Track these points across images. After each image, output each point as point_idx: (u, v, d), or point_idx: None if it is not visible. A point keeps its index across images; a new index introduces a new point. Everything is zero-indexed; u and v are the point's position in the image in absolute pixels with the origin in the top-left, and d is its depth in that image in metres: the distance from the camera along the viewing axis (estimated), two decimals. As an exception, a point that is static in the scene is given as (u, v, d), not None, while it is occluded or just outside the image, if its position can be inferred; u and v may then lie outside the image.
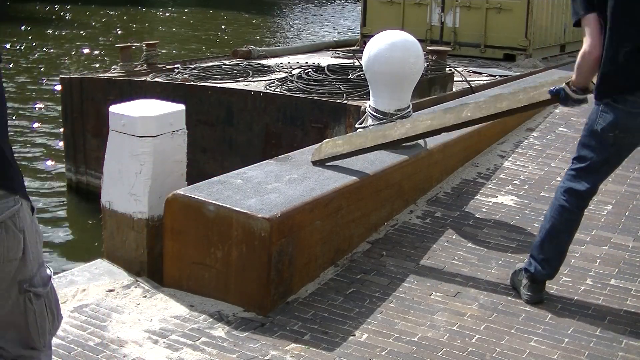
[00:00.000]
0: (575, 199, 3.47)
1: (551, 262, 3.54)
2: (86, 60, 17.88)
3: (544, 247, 3.54)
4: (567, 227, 3.54)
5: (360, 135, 4.37)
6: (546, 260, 3.53)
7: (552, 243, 3.53)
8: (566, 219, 3.51)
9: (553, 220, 3.51)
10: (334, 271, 3.83)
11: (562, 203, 3.49)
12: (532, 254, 3.58)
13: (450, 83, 8.20)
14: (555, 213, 3.51)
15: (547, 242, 3.53)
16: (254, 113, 7.63)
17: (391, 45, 4.54)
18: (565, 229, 3.53)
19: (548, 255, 3.54)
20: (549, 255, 3.54)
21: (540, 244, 3.55)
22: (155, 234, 3.79)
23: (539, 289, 3.60)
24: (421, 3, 11.42)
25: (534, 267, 3.55)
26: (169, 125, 3.80)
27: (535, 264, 3.55)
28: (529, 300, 3.58)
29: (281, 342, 3.17)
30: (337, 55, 11.14)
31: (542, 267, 3.54)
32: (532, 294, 3.58)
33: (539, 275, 3.56)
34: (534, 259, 3.56)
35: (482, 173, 5.35)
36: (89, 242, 7.47)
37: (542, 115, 6.95)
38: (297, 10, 35.02)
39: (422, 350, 3.14)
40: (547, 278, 3.60)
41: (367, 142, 4.15)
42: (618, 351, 3.19)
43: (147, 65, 9.26)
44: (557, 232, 3.52)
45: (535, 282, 3.58)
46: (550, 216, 3.52)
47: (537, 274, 3.56)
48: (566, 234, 3.54)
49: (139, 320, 3.33)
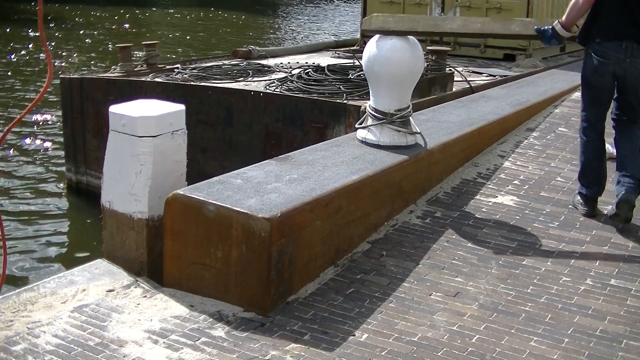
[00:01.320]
0: (591, 131, 4.57)
1: (593, 184, 4.63)
2: (86, 60, 17.88)
3: (585, 174, 4.64)
4: (596, 155, 4.60)
5: (412, 20, 4.64)
6: (590, 183, 4.64)
7: (588, 169, 4.62)
8: (592, 149, 4.60)
9: (583, 154, 4.63)
10: (334, 271, 3.83)
11: (583, 139, 4.61)
12: (580, 181, 4.69)
13: (450, 83, 8.19)
14: (583, 148, 4.63)
15: (586, 170, 4.63)
16: (254, 113, 7.63)
17: (391, 45, 4.54)
18: (594, 157, 4.60)
19: (589, 180, 4.63)
20: (590, 179, 4.62)
21: (581, 173, 4.66)
22: (155, 234, 3.79)
23: (592, 206, 4.67)
24: (421, 3, 11.42)
25: (584, 190, 4.67)
26: (169, 125, 3.80)
27: (584, 188, 4.67)
28: (585, 214, 4.64)
29: (281, 342, 3.17)
30: (337, 55, 11.14)
31: (588, 189, 4.64)
32: (587, 209, 4.66)
33: (590, 195, 4.64)
34: (582, 184, 4.68)
35: (482, 173, 5.35)
36: (89, 242, 7.48)
37: (542, 115, 6.95)
38: (297, 10, 35.02)
39: (422, 350, 3.14)
40: (597, 195, 4.67)
41: (418, 27, 4.43)
42: (618, 351, 3.20)
43: (147, 66, 9.26)
44: (589, 161, 4.61)
45: (589, 201, 4.66)
46: (581, 152, 4.65)
47: (588, 194, 4.65)
48: (596, 160, 4.61)
49: (139, 320, 3.33)
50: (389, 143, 4.64)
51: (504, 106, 6.57)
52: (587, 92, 4.60)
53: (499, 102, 6.69)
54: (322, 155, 4.44)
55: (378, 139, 4.66)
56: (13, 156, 10.26)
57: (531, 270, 3.95)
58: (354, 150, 4.58)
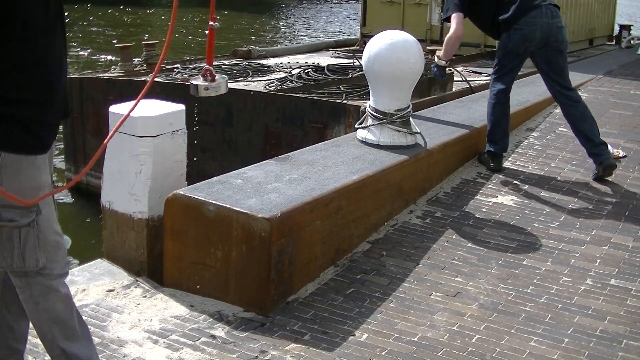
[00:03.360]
0: (502, 94, 5.34)
1: (501, 140, 5.37)
2: (86, 60, 17.87)
3: (494, 133, 5.35)
4: (504, 114, 5.38)
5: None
6: (497, 140, 5.36)
7: (498, 128, 5.34)
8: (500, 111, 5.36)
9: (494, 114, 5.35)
10: (334, 271, 3.83)
11: (494, 101, 5.34)
12: (489, 139, 5.37)
13: (450, 83, 8.19)
14: (493, 109, 5.35)
15: (495, 129, 5.35)
16: (254, 113, 7.62)
17: (391, 45, 4.54)
18: (503, 116, 5.37)
19: (498, 137, 5.35)
20: (498, 136, 5.35)
21: (491, 131, 5.37)
22: (155, 234, 3.79)
23: (499, 161, 5.40)
24: (421, 3, 11.42)
25: (492, 147, 5.35)
26: (169, 125, 3.80)
27: (492, 145, 5.35)
28: (493, 168, 5.35)
29: (281, 342, 3.17)
30: (337, 55, 11.14)
31: (496, 145, 5.36)
32: (494, 164, 5.36)
33: (497, 151, 5.37)
34: (490, 142, 5.37)
35: (482, 173, 5.35)
36: (89, 242, 7.47)
37: (542, 115, 6.95)
38: (297, 10, 35.01)
39: (422, 350, 3.14)
40: (502, 151, 5.43)
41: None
42: (618, 351, 3.20)
43: (147, 65, 9.25)
44: (499, 120, 5.35)
45: (496, 157, 5.37)
46: (491, 112, 5.36)
47: (496, 151, 5.37)
48: (505, 119, 5.38)
49: (139, 320, 3.33)
50: (389, 143, 4.64)
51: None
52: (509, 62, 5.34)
53: (499, 102, 6.68)
54: (322, 155, 4.44)
55: (378, 139, 4.66)
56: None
57: (531, 270, 3.95)
58: (354, 150, 4.58)
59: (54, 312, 2.52)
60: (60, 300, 2.53)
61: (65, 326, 2.55)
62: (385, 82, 4.58)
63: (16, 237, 2.39)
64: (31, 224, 2.40)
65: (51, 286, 2.49)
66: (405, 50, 4.56)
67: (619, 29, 15.20)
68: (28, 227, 2.40)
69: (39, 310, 2.51)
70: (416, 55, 4.62)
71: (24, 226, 2.39)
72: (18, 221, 2.38)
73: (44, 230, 2.45)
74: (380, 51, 4.55)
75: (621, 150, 6.06)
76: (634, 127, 6.95)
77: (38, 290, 2.49)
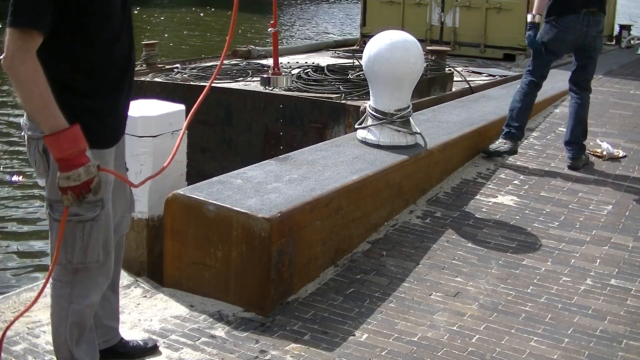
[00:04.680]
0: (533, 86, 5.63)
1: (522, 127, 5.71)
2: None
3: (519, 118, 5.63)
4: (531, 104, 5.74)
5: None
6: (520, 126, 5.67)
7: (522, 115, 5.65)
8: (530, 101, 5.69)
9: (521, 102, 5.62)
10: (334, 271, 3.83)
11: (526, 90, 5.63)
12: (509, 124, 5.65)
13: (450, 83, 8.19)
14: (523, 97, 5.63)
15: (519, 115, 5.64)
16: (254, 113, 7.62)
17: (391, 45, 4.54)
18: (529, 106, 5.72)
19: (520, 123, 5.67)
20: (521, 123, 5.68)
21: (516, 116, 5.63)
22: (155, 234, 3.79)
23: (516, 144, 5.68)
24: (421, 3, 11.41)
25: (514, 130, 5.63)
26: (169, 125, 3.79)
27: (513, 129, 5.62)
28: (510, 150, 5.60)
29: (281, 342, 3.17)
30: (336, 55, 11.14)
31: (517, 130, 5.64)
32: (512, 147, 5.61)
33: (518, 135, 5.68)
34: (511, 127, 5.63)
35: (482, 173, 5.35)
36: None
37: (542, 115, 6.95)
38: (297, 10, 35.02)
39: (422, 350, 3.14)
40: (522, 137, 5.77)
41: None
42: (618, 351, 3.20)
43: (147, 65, 9.24)
44: (525, 109, 5.68)
45: (513, 140, 5.64)
46: (519, 99, 5.64)
47: (516, 135, 5.65)
48: (529, 110, 5.77)
49: (139, 320, 3.33)
50: (389, 143, 4.64)
51: (503, 106, 6.54)
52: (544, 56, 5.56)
53: (499, 102, 6.68)
54: (322, 155, 4.44)
55: (378, 139, 4.66)
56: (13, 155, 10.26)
57: (531, 270, 3.95)
58: (354, 150, 4.58)
59: (81, 316, 2.52)
60: (90, 307, 2.54)
61: (82, 332, 2.56)
62: (385, 82, 4.58)
63: (79, 232, 2.39)
64: (96, 218, 2.40)
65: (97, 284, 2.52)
66: (405, 50, 4.56)
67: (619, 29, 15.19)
68: (92, 221, 2.39)
69: (69, 310, 2.50)
70: (416, 55, 4.62)
71: (88, 220, 2.38)
72: (83, 215, 2.37)
73: (104, 226, 2.45)
74: (380, 51, 4.55)
75: (621, 150, 6.06)
76: (634, 127, 6.95)
77: (78, 291, 2.49)
